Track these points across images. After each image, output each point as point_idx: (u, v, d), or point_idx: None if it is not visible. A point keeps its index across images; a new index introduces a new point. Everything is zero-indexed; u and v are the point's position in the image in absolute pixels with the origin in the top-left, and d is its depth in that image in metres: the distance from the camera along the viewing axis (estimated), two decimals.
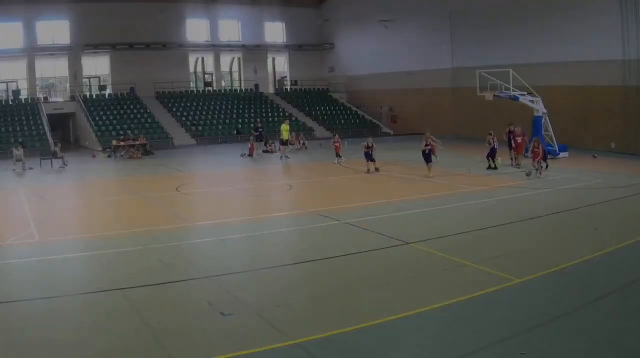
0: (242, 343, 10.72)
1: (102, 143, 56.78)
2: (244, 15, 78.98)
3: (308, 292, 13.81)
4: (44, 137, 58.90)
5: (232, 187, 30.60)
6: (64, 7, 69.37)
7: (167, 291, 14.06)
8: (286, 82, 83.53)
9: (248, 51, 79.62)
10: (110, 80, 74.03)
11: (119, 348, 10.67)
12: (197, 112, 69.66)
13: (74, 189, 33.73)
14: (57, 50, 71.27)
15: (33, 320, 12.27)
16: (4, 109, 65.65)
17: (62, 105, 69.99)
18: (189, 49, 76.73)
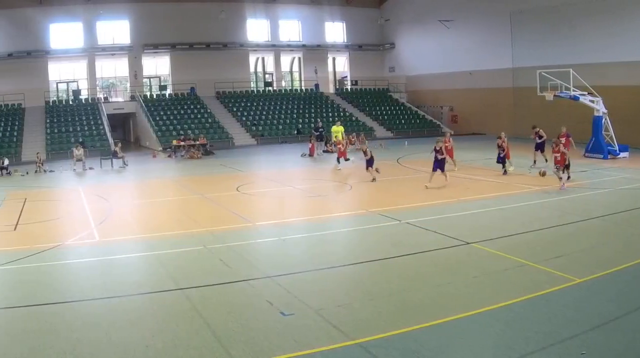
0: (302, 343, 10.75)
1: (163, 143, 57.43)
2: (304, 15, 79.33)
3: (368, 292, 13.72)
4: (104, 137, 59.69)
5: (292, 187, 30.65)
6: (124, 7, 70.39)
7: (228, 291, 14.13)
8: (346, 82, 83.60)
9: (308, 51, 79.97)
10: (170, 80, 74.68)
11: (180, 348, 10.75)
12: (257, 112, 69.98)
13: (134, 189, 34.18)
14: (118, 50, 72.29)
15: (94, 320, 12.41)
16: (64, 109, 66.79)
17: (123, 105, 70.95)
18: (249, 49, 77.18)
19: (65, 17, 69.54)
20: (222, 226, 21.55)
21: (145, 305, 13.39)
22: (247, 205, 27.00)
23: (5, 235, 21.68)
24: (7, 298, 14.13)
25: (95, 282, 15.42)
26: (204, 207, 26.35)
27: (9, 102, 66.45)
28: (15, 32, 66.86)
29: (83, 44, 70.59)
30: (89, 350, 10.79)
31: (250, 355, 10.42)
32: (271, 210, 25.32)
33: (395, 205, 24.52)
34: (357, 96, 78.87)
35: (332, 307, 12.62)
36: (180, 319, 12.21)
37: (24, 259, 17.55)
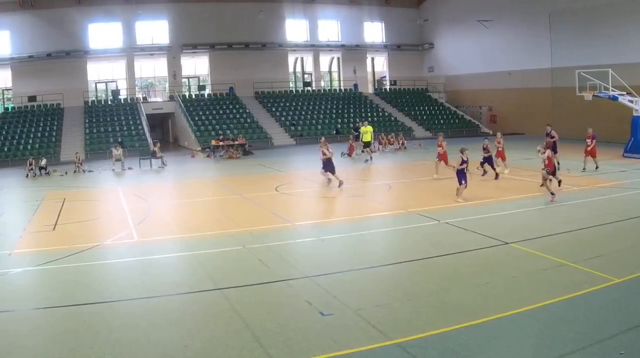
0: (341, 343, 10.77)
1: (201, 143, 57.70)
2: (343, 16, 79.56)
3: (407, 292, 13.70)
4: (143, 137, 60.15)
5: (331, 187, 30.61)
6: (164, 7, 70.92)
7: (267, 291, 14.14)
8: (385, 82, 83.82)
9: (347, 51, 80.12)
10: (209, 80, 75.02)
11: (219, 349, 10.79)
12: (296, 112, 70.17)
13: (173, 189, 34.38)
14: (156, 50, 72.82)
15: (133, 320, 12.53)
16: (103, 109, 67.43)
17: (162, 105, 71.51)
18: (288, 49, 77.49)
19: (104, 17, 70.23)
20: (261, 226, 21.56)
21: (184, 305, 13.45)
22: (286, 205, 27.03)
23: (44, 235, 21.89)
24: (47, 299, 14.29)
25: (134, 282, 15.54)
26: (242, 207, 26.43)
27: (48, 102, 67.25)
28: (54, 32, 67.67)
29: (122, 44, 71.25)
30: (128, 350, 10.87)
31: (289, 355, 10.45)
32: (310, 210, 25.33)
33: (434, 205, 24.42)
34: (396, 96, 78.92)
35: (371, 307, 12.61)
36: (219, 319, 12.26)
37: (62, 259, 17.72)
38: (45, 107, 67.19)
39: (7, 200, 32.60)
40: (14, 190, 36.62)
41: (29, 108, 67.56)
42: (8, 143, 58.63)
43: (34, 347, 11.27)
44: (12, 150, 57.07)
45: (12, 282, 16.02)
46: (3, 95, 73.85)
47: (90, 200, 31.11)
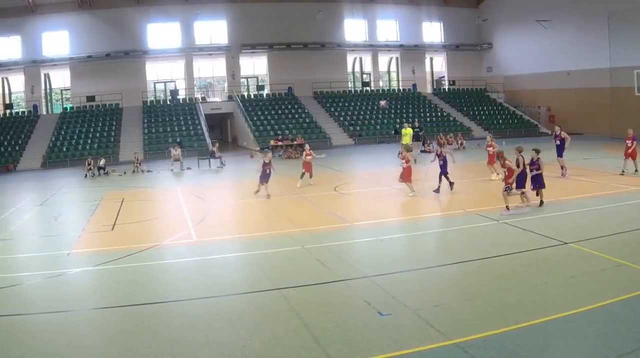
0: (400, 343, 10.73)
1: (260, 143, 58.03)
2: (401, 15, 79.90)
3: (466, 291, 13.61)
4: (201, 137, 60.67)
5: (390, 187, 30.42)
6: (222, 7, 71.60)
7: (326, 291, 14.13)
8: (444, 81, 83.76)
9: (406, 51, 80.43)
10: (268, 80, 75.40)
11: (278, 348, 10.79)
12: (355, 112, 70.32)
13: (231, 189, 34.57)
14: (215, 50, 73.54)
15: (191, 320, 12.55)
16: (162, 109, 68.17)
17: (220, 105, 72.13)
18: (347, 49, 77.99)
19: (162, 17, 71.09)
20: (319, 226, 21.57)
21: (243, 305, 13.45)
22: (344, 205, 26.98)
23: (102, 235, 22.17)
24: (105, 299, 14.40)
25: (193, 282, 15.61)
26: (301, 207, 26.47)
27: (107, 102, 68.28)
28: (112, 32, 68.69)
29: (181, 44, 72.11)
30: (187, 350, 10.92)
31: (348, 355, 10.42)
32: (369, 210, 25.18)
33: (493, 205, 24.15)
34: (455, 96, 79.07)
35: (429, 307, 12.56)
36: (277, 319, 12.25)
37: (121, 259, 17.92)
38: (104, 107, 68.22)
39: (66, 200, 33.06)
40: (73, 190, 37.16)
41: (87, 108, 68.65)
42: (67, 143, 59.59)
43: (93, 347, 11.37)
44: (71, 150, 57.98)
45: (71, 282, 16.21)
46: (62, 95, 75.16)
47: (148, 200, 31.48)
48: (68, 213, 28.61)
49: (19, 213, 28.69)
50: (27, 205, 31.18)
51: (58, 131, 62.55)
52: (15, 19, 67.97)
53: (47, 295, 15.07)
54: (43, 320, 13.21)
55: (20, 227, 25.21)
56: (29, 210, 29.53)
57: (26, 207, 30.53)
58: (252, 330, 11.73)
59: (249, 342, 11.16)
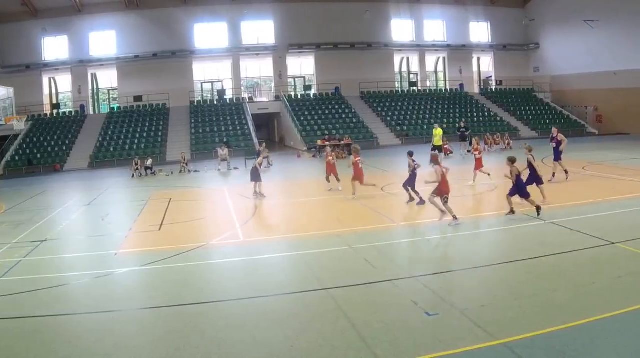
0: (447, 343, 10.69)
1: (307, 143, 58.11)
2: (448, 16, 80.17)
3: (513, 291, 13.55)
4: (249, 137, 60.99)
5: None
6: (269, 7, 72.13)
7: (373, 291, 14.10)
8: (491, 81, 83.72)
9: (453, 51, 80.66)
10: (315, 80, 75.60)
11: (325, 348, 10.78)
12: (402, 112, 70.27)
13: (278, 189, 34.56)
14: (262, 50, 74.06)
15: (239, 320, 12.60)
16: (209, 109, 68.65)
17: (267, 105, 72.52)
18: (394, 49, 78.27)
19: (209, 17, 71.67)
20: (366, 226, 21.53)
21: (290, 305, 13.49)
22: (391, 204, 26.88)
23: (150, 235, 22.37)
24: (152, 298, 14.53)
25: (240, 282, 15.65)
26: (348, 207, 26.38)
27: (154, 102, 68.96)
28: (159, 32, 69.36)
29: (228, 43, 72.64)
30: (234, 350, 10.94)
31: (395, 355, 10.39)
32: (415, 210, 25.04)
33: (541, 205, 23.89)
34: (502, 96, 78.96)
35: (476, 306, 12.50)
36: (325, 319, 12.26)
37: (168, 259, 18.03)
38: (151, 107, 68.93)
39: (113, 200, 33.38)
40: (120, 190, 37.56)
41: (134, 108, 69.42)
42: (114, 143, 60.28)
43: (140, 347, 11.44)
44: (118, 150, 58.63)
45: (118, 282, 16.36)
46: (109, 95, 75.98)
47: (196, 200, 31.66)
48: (115, 213, 28.96)
49: (66, 213, 29.03)
50: (74, 205, 31.56)
51: (105, 131, 63.32)
52: (62, 19, 68.98)
53: (94, 295, 15.20)
54: (90, 320, 13.31)
55: (68, 227, 25.54)
56: (76, 210, 29.91)
57: (73, 207, 30.91)
58: (300, 330, 11.73)
59: (297, 342, 11.15)
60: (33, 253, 20.32)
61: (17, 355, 11.29)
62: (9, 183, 48.70)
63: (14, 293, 15.26)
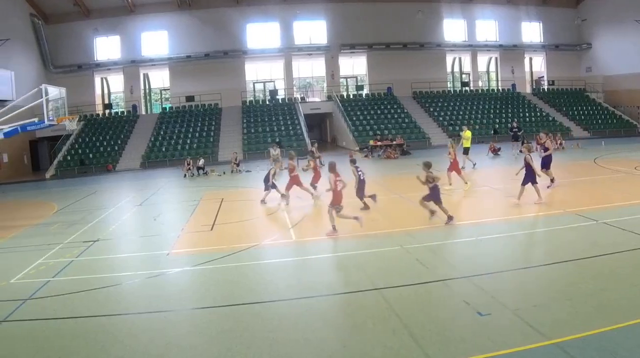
0: (499, 343, 10.69)
1: (359, 143, 58.14)
2: (500, 15, 79.97)
3: (565, 291, 13.43)
4: (301, 137, 61.18)
5: (488, 187, 30.30)
6: (321, 7, 72.33)
7: (425, 291, 14.09)
8: (543, 81, 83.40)
9: (505, 51, 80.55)
10: (367, 80, 75.61)
11: (377, 348, 10.79)
12: (454, 112, 70.12)
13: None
14: (314, 50, 74.30)
15: (290, 320, 12.65)
16: (261, 109, 69.03)
17: (319, 105, 72.64)
18: (446, 49, 78.43)
19: (261, 17, 72.11)
20: (418, 226, 21.49)
21: (342, 305, 13.56)
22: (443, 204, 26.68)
23: (202, 235, 22.55)
24: (204, 299, 14.63)
25: (292, 282, 15.73)
26: (400, 206, 26.43)
27: (206, 102, 69.52)
28: (211, 32, 69.92)
29: (280, 43, 72.95)
30: (286, 350, 10.99)
31: (447, 355, 10.41)
32: (467, 210, 24.98)
33: (592, 205, 23.77)
34: (554, 96, 78.56)
35: (528, 306, 12.44)
36: (376, 319, 12.25)
37: (220, 259, 18.16)
38: (203, 107, 69.48)
39: (165, 200, 33.66)
40: (172, 190, 37.94)
41: (186, 108, 70.04)
42: (166, 143, 60.83)
43: (192, 347, 11.53)
44: (170, 150, 59.17)
45: (170, 282, 16.54)
46: (161, 95, 76.62)
47: (247, 200, 31.81)
48: (167, 213, 29.25)
49: (118, 213, 29.40)
50: (126, 205, 31.96)
51: (157, 131, 64.02)
52: (114, 19, 69.94)
53: (146, 295, 15.39)
54: (142, 320, 13.47)
55: (120, 227, 25.89)
56: (128, 210, 30.29)
57: (125, 207, 31.31)
58: (352, 330, 11.78)
59: (349, 342, 11.19)
60: (85, 253, 20.63)
61: (71, 355, 11.47)
62: (61, 183, 49.53)
63: (66, 293, 15.49)
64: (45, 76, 67.60)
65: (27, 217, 30.71)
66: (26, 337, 12.58)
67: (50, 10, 69.84)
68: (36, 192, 44.60)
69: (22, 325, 13.46)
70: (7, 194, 43.85)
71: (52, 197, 38.47)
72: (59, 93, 28.45)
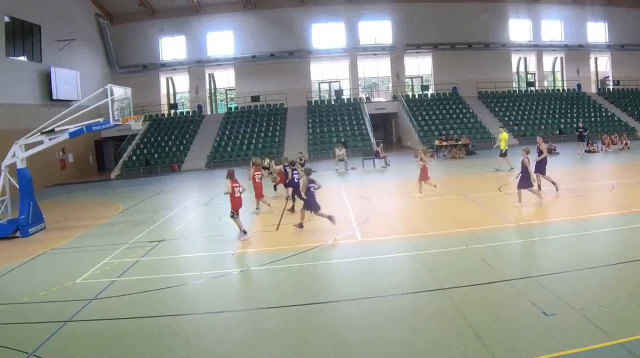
0: (564, 343, 10.63)
1: (425, 143, 57.95)
2: (566, 15, 79.27)
3: (631, 291, 13.23)
4: (366, 137, 61.19)
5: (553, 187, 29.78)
6: (387, 7, 72.53)
7: (490, 291, 14.05)
8: (608, 81, 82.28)
9: (570, 51, 79.77)
10: (432, 80, 75.41)
11: (442, 348, 10.81)
12: (519, 112, 69.60)
13: (395, 189, 34.60)
14: (380, 50, 74.44)
15: (356, 319, 12.69)
16: (326, 109, 69.19)
17: (385, 105, 72.67)
18: (511, 49, 77.84)
19: (326, 17, 72.32)
20: (483, 226, 21.39)
21: (407, 305, 13.53)
22: (508, 205, 26.45)
23: (267, 235, 22.76)
24: (270, 298, 14.71)
25: (357, 281, 15.72)
26: (465, 206, 26.25)
27: (272, 102, 69.84)
28: (277, 32, 70.36)
29: (345, 43, 72.97)
30: (351, 350, 11.03)
31: (512, 355, 10.39)
32: (532, 210, 24.65)
33: None
34: (620, 96, 77.52)
35: (594, 307, 12.32)
36: (442, 319, 12.26)
37: (285, 259, 18.29)
38: (269, 107, 69.73)
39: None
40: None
41: (252, 108, 70.42)
42: (231, 143, 61.30)
43: (258, 346, 11.62)
44: (235, 150, 59.63)
45: (235, 282, 16.76)
46: (226, 95, 77.15)
47: None
48: None
49: (183, 213, 29.71)
50: (191, 205, 32.31)
51: (222, 131, 64.58)
52: (180, 19, 70.76)
53: (211, 295, 15.54)
54: (208, 320, 13.62)
55: (185, 226, 26.21)
56: (194, 210, 30.66)
57: (191, 207, 31.61)
58: (417, 330, 11.78)
59: (414, 341, 11.20)
60: (150, 253, 20.97)
61: (136, 355, 11.65)
62: (126, 183, 50.21)
63: (131, 294, 15.76)
64: (110, 76, 68.98)
65: (93, 216, 31.25)
66: (91, 337, 12.80)
67: (115, 10, 71.17)
68: (101, 192, 45.37)
69: (87, 325, 13.71)
70: (72, 194, 44.60)
71: (118, 197, 39.08)
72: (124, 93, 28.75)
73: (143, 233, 24.69)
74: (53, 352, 12.03)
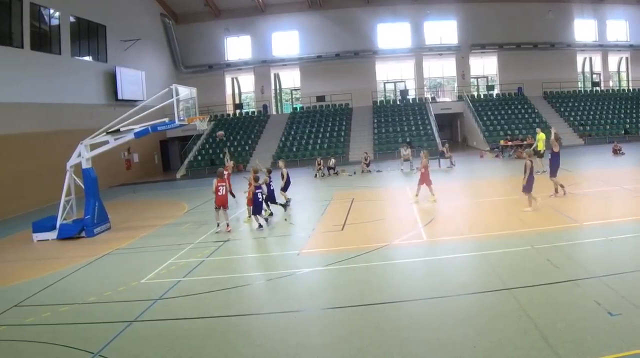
0: (630, 343, 10.54)
1: (490, 143, 57.48)
2: (631, 15, 77.87)
3: None
4: (431, 137, 60.92)
5: (619, 187, 29.43)
6: (452, 7, 72.21)
7: (555, 291, 13.95)
8: None
9: (636, 51, 78.25)
10: (497, 80, 74.84)
11: (507, 348, 10.79)
12: (584, 112, 68.48)
13: (461, 189, 34.36)
14: (445, 50, 74.08)
15: (421, 319, 12.69)
16: (392, 109, 69.07)
17: (450, 105, 72.30)
18: (576, 49, 76.60)
19: (392, 17, 72.17)
20: (548, 226, 21.21)
21: (472, 305, 13.51)
22: (573, 204, 26.15)
23: (332, 235, 22.80)
24: (335, 299, 14.79)
25: (422, 282, 15.74)
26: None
27: (337, 102, 69.79)
28: (342, 32, 70.36)
29: (410, 44, 72.76)
30: (416, 350, 11.04)
31: (578, 355, 10.32)
32: (597, 210, 24.36)
33: None
34: None
35: None
36: (507, 319, 12.24)
37: (351, 259, 18.34)
38: (334, 107, 69.72)
39: (296, 199, 33.85)
40: (303, 189, 38.30)
41: (317, 108, 70.49)
42: (296, 143, 61.47)
43: (323, 346, 11.71)
44: (301, 150, 59.77)
45: (300, 282, 16.81)
46: (292, 95, 77.37)
47: (378, 200, 31.89)
48: (298, 213, 29.48)
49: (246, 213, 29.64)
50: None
51: (288, 131, 64.85)
52: (245, 19, 71.21)
53: (277, 295, 15.71)
54: (273, 319, 13.74)
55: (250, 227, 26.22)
56: None
57: None
58: (482, 330, 11.76)
59: (479, 342, 11.19)
60: (215, 253, 21.23)
61: (202, 355, 11.82)
62: (191, 183, 50.72)
63: (196, 293, 16.01)
64: (175, 76, 69.85)
65: (158, 216, 31.72)
66: (157, 337, 13.02)
67: (180, 10, 71.92)
68: (167, 191, 46.05)
69: (153, 325, 13.95)
70: (138, 194, 45.32)
71: (183, 197, 39.55)
72: (189, 93, 28.98)
73: (208, 234, 24.98)
74: (118, 352, 12.27)
